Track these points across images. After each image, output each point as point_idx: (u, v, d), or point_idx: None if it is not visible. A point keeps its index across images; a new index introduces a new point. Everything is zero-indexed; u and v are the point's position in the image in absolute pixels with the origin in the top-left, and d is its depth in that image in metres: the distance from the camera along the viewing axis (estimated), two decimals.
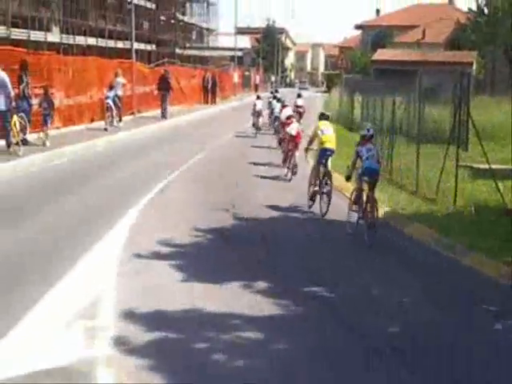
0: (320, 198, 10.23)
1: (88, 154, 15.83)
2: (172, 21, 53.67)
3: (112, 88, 20.45)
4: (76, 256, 7.25)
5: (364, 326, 5.74)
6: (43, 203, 10.13)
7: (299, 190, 11.49)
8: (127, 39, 37.24)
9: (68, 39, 35.78)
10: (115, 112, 20.41)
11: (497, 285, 7.12)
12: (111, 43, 40.45)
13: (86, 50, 35.33)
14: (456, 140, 11.19)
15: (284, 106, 17.27)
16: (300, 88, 60.96)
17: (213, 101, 36.63)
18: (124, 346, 5.00)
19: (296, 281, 6.94)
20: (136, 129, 21.22)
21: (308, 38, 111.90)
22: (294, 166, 13.33)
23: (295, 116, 16.24)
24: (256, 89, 55.40)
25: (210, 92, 36.45)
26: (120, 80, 21.47)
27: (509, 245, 8.04)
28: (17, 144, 13.84)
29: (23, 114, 14.58)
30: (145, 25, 46.82)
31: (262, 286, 6.59)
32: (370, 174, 8.77)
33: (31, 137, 15.53)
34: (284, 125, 14.68)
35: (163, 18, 52.89)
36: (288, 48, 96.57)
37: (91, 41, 38.34)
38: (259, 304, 6.08)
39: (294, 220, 10.00)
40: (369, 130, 9.13)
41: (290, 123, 13.97)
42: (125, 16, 41.54)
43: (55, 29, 35.26)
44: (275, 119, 20.88)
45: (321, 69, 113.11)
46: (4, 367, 4.63)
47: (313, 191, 10.54)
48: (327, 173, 10.32)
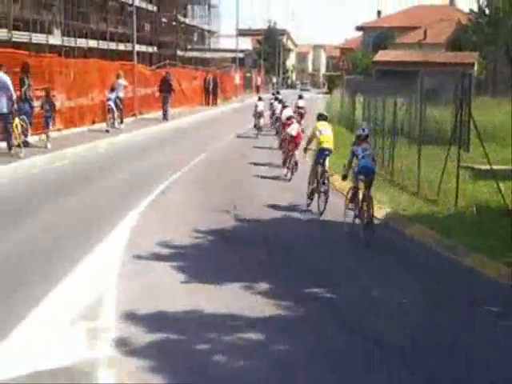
0: (318, 197, 10.37)
1: (89, 156, 15.86)
2: (173, 23, 53.77)
3: (113, 90, 20.48)
4: (77, 257, 7.26)
5: (365, 328, 5.74)
6: (44, 204, 10.14)
7: (298, 190, 11.62)
8: (128, 41, 37.25)
9: (69, 42, 35.88)
10: (116, 114, 20.45)
11: (498, 285, 7.12)
12: (112, 45, 40.54)
13: (88, 53, 35.42)
14: (457, 141, 11.19)
15: (284, 107, 17.28)
16: (301, 89, 61.09)
17: (214, 102, 36.66)
18: (125, 347, 5.02)
19: (297, 282, 6.94)
20: (137, 130, 21.24)
21: (309, 40, 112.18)
22: (295, 164, 13.49)
23: (296, 117, 16.29)
24: (257, 90, 55.46)
25: (212, 93, 36.48)
26: (121, 82, 21.51)
27: (510, 245, 8.04)
28: (18, 146, 13.90)
29: (25, 117, 14.64)
30: (146, 27, 46.93)
31: (263, 287, 6.59)
32: (366, 173, 8.85)
33: (33, 139, 15.58)
34: (284, 125, 14.68)
35: (164, 20, 53.00)
36: (289, 49, 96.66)
37: (92, 43, 38.43)
38: (260, 305, 6.09)
39: (293, 219, 10.11)
40: (364, 130, 9.22)
41: (291, 124, 13.99)
42: (126, 18, 41.66)
43: (57, 31, 35.35)
44: (277, 120, 20.89)
45: (322, 70, 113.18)
46: (7, 367, 4.65)
47: (311, 189, 10.67)
48: (325, 172, 10.44)
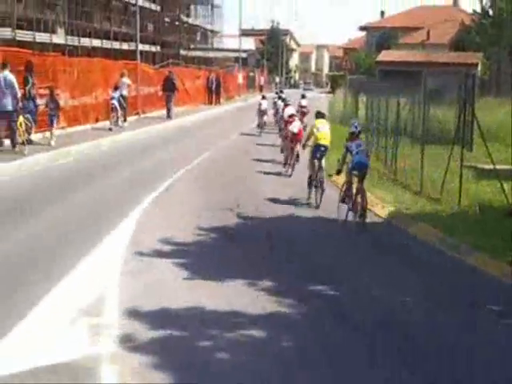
0: (315, 191, 10.96)
1: (93, 154, 15.89)
2: (176, 22, 53.79)
3: (117, 88, 20.53)
4: (80, 254, 7.28)
5: (368, 326, 5.73)
6: (47, 202, 10.16)
7: (299, 185, 12.05)
8: (132, 41, 37.38)
9: (73, 41, 35.94)
10: (120, 112, 20.50)
11: (500, 284, 7.11)
12: (116, 45, 40.58)
13: (91, 52, 35.46)
14: (460, 140, 11.18)
15: (286, 105, 17.35)
16: (305, 89, 61.07)
17: (217, 101, 36.69)
18: (128, 344, 5.03)
19: (300, 278, 6.95)
20: (141, 129, 21.27)
21: (312, 40, 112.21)
22: (297, 157, 14.11)
23: (298, 115, 16.53)
24: (260, 90, 55.50)
25: (215, 93, 36.51)
26: (125, 80, 21.57)
27: None
28: (22, 143, 13.97)
29: (29, 116, 14.70)
30: (149, 26, 46.96)
31: (266, 284, 6.61)
32: (360, 168, 9.37)
33: (36, 136, 15.63)
34: (286, 123, 14.79)
35: (168, 20, 53.02)
36: (292, 49, 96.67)
37: (96, 42, 38.48)
38: (262, 302, 6.10)
39: (294, 212, 10.49)
40: (356, 127, 9.72)
41: (292, 121, 14.15)
42: (129, 18, 41.73)
43: (60, 31, 35.40)
44: (281, 118, 20.98)
45: (325, 70, 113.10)
46: (9, 363, 4.65)
47: (309, 181, 11.32)
48: (321, 168, 11.01)
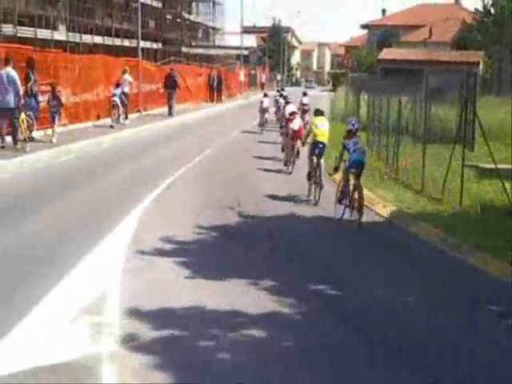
0: (314, 188, 11.15)
1: (94, 151, 15.89)
2: (178, 19, 53.72)
3: (118, 85, 20.51)
4: (81, 252, 7.28)
5: (368, 325, 5.73)
6: (49, 199, 10.17)
7: (299, 182, 12.21)
8: (133, 37, 37.29)
9: (74, 37, 35.89)
10: (121, 109, 20.48)
11: (501, 284, 7.10)
12: (117, 41, 40.53)
13: (93, 48, 35.41)
14: (462, 140, 11.17)
15: (287, 103, 17.35)
16: (306, 87, 60.99)
17: (219, 99, 36.67)
18: (129, 343, 5.03)
19: (301, 278, 6.96)
20: (142, 126, 21.27)
21: (314, 37, 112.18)
22: (297, 153, 14.28)
23: (299, 113, 16.58)
24: (262, 87, 55.44)
25: (216, 90, 36.49)
26: (127, 77, 21.56)
27: None
28: (24, 141, 13.97)
29: (31, 113, 14.68)
30: (151, 23, 46.86)
31: (268, 283, 6.61)
32: (357, 166, 9.56)
33: (38, 134, 15.62)
34: (288, 121, 14.80)
35: (169, 17, 52.94)
36: (294, 47, 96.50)
37: (98, 39, 38.42)
38: (263, 301, 6.11)
39: (293, 209, 10.61)
40: (354, 125, 9.86)
41: (293, 119, 14.19)
42: (131, 14, 41.65)
43: (62, 27, 35.36)
44: (282, 116, 20.99)
45: (327, 68, 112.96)
46: (9, 363, 4.64)
47: (308, 176, 11.47)
48: (319, 164, 11.18)
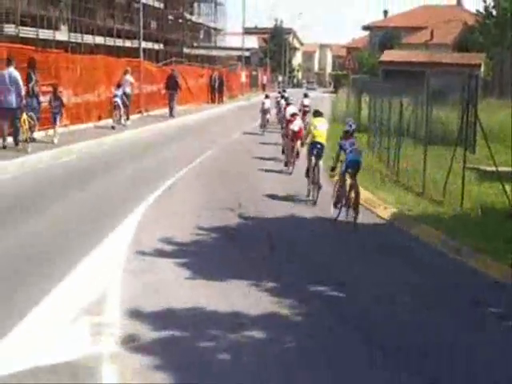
0: (313, 188, 11.33)
1: (96, 152, 15.90)
2: (180, 20, 53.76)
3: (120, 86, 20.51)
4: (82, 252, 7.29)
5: (369, 327, 5.74)
6: (50, 199, 10.18)
7: (299, 183, 12.33)
8: (135, 38, 37.27)
9: (76, 38, 35.91)
10: (123, 110, 20.48)
11: (502, 287, 7.10)
12: (119, 42, 40.57)
13: (94, 49, 35.42)
14: (463, 142, 11.18)
15: (288, 104, 17.38)
16: (308, 88, 60.98)
17: (220, 100, 36.69)
18: (130, 343, 5.03)
19: (301, 279, 6.96)
20: (143, 127, 21.29)
21: (316, 39, 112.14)
22: (297, 154, 14.38)
23: (300, 114, 16.69)
24: (263, 88, 55.48)
25: (218, 91, 36.50)
26: (128, 78, 21.56)
27: None
28: (25, 141, 13.98)
29: (32, 113, 14.68)
30: (153, 24, 46.89)
31: (268, 284, 6.62)
32: (353, 166, 9.68)
33: (39, 134, 15.64)
34: (288, 122, 14.85)
35: (171, 18, 52.98)
36: (295, 48, 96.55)
37: (99, 39, 38.46)
38: (263, 302, 6.11)
39: (292, 209, 10.71)
40: (351, 126, 9.96)
41: (294, 120, 14.22)
42: (133, 15, 41.66)
43: (63, 27, 35.40)
44: (283, 117, 21.03)
45: (328, 69, 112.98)
46: (9, 363, 4.65)
47: (306, 175, 11.71)
48: (317, 165, 11.35)
